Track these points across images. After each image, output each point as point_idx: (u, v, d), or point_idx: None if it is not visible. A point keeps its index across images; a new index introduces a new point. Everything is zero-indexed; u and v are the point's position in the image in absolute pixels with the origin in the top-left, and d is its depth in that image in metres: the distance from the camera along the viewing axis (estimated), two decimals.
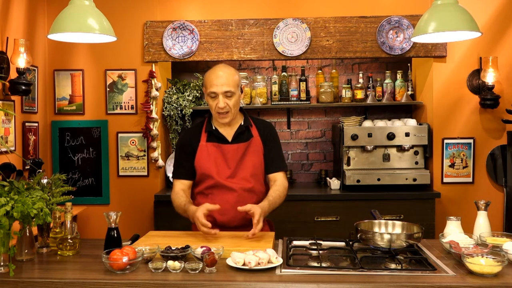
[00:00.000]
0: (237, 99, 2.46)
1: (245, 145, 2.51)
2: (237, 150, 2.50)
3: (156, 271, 1.88)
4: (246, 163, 2.50)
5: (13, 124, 3.48)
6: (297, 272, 1.86)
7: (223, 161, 2.49)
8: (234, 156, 2.49)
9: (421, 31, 2.41)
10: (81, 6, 2.41)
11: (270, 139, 2.59)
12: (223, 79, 2.41)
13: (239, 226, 2.48)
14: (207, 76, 2.48)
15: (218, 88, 2.40)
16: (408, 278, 1.79)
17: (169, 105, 4.07)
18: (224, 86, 2.40)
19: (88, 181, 4.08)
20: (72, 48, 4.02)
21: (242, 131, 2.53)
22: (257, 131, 2.57)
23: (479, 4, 3.82)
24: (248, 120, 2.58)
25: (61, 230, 2.23)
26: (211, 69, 2.50)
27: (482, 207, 2.33)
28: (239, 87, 2.49)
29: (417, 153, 3.92)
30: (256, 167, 2.51)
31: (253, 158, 2.51)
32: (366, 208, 3.15)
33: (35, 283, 1.83)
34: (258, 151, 2.54)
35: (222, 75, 2.42)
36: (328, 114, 4.51)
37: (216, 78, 2.42)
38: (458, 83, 3.93)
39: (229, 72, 2.45)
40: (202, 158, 2.51)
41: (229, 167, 2.49)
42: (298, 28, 3.95)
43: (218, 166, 2.49)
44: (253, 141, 2.54)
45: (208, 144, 2.52)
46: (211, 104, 2.45)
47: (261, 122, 2.64)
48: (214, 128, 2.54)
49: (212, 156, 2.50)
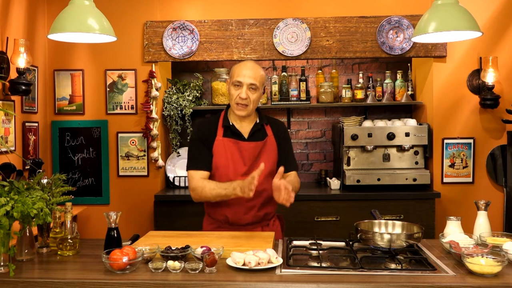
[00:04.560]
0: (258, 95, 2.50)
1: (261, 144, 2.52)
2: (254, 149, 2.50)
3: (156, 271, 1.88)
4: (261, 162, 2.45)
5: (13, 124, 3.48)
6: (297, 272, 1.86)
7: (240, 158, 2.49)
8: (251, 154, 2.50)
9: (422, 31, 2.41)
10: (81, 6, 2.41)
11: (284, 139, 2.61)
12: (251, 72, 2.46)
13: (251, 223, 2.49)
14: (235, 66, 2.52)
15: (245, 79, 2.44)
16: (408, 278, 1.79)
17: (169, 105, 4.07)
18: (251, 78, 2.45)
19: (88, 181, 4.08)
20: (72, 48, 4.02)
21: (257, 129, 2.55)
22: (271, 130, 2.58)
23: (479, 4, 3.82)
24: (263, 118, 2.60)
25: (61, 230, 2.23)
26: (241, 62, 2.55)
27: (482, 207, 2.33)
28: (263, 86, 2.54)
29: (417, 153, 3.92)
30: (271, 166, 2.51)
31: (268, 157, 2.52)
32: (366, 208, 3.15)
33: (35, 283, 1.83)
34: (273, 150, 2.55)
35: (251, 67, 2.48)
36: (328, 114, 4.51)
37: (245, 69, 2.46)
38: (458, 83, 3.93)
39: (257, 68, 2.51)
40: (218, 153, 2.50)
41: (245, 164, 2.49)
42: (298, 28, 3.95)
43: (235, 163, 2.48)
44: (268, 140, 2.55)
45: (225, 139, 2.51)
46: (233, 93, 2.47)
47: (274, 122, 2.66)
48: (231, 123, 2.54)
49: (228, 151, 2.49)
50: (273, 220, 2.62)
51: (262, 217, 2.53)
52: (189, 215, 3.71)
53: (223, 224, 2.53)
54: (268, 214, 2.56)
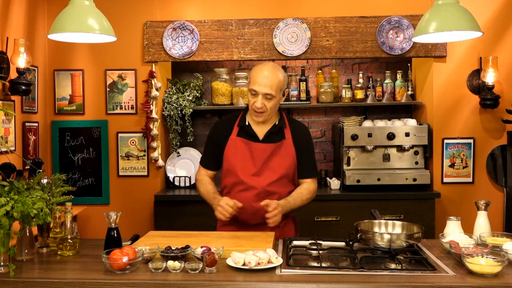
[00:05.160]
0: (276, 102, 2.43)
1: (275, 146, 2.47)
2: (265, 150, 2.46)
3: (156, 271, 1.88)
4: (273, 164, 2.46)
5: (13, 124, 3.48)
6: (297, 272, 1.86)
7: (250, 158, 2.46)
8: (261, 155, 2.46)
9: (422, 31, 2.41)
10: (81, 6, 2.41)
11: (303, 143, 2.54)
12: (268, 80, 2.37)
13: (261, 224, 2.44)
14: (253, 71, 2.45)
15: (261, 88, 2.38)
16: (408, 278, 1.79)
17: (169, 105, 4.07)
18: (267, 88, 2.37)
19: (88, 181, 4.08)
20: (72, 48, 4.02)
21: (275, 131, 2.50)
22: (290, 133, 2.52)
23: (479, 4, 3.82)
24: (283, 120, 2.54)
25: (61, 230, 2.23)
26: (259, 65, 2.46)
27: (482, 207, 2.33)
28: (282, 91, 2.46)
29: (417, 153, 3.92)
30: (284, 169, 2.46)
31: (283, 160, 2.47)
32: (366, 208, 3.15)
33: (35, 283, 1.83)
34: (289, 154, 2.49)
35: (268, 75, 2.38)
36: (328, 114, 4.51)
37: (261, 78, 2.38)
38: (458, 83, 3.93)
39: (275, 73, 2.41)
40: (229, 152, 2.49)
41: (255, 165, 2.46)
42: (298, 28, 3.94)
43: (244, 163, 2.45)
44: (285, 143, 2.49)
45: (238, 139, 2.49)
46: (250, 100, 2.43)
47: (297, 124, 2.60)
48: (247, 123, 2.51)
49: (239, 151, 2.47)
50: (284, 222, 2.54)
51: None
52: (189, 215, 3.71)
53: (233, 222, 2.50)
54: None
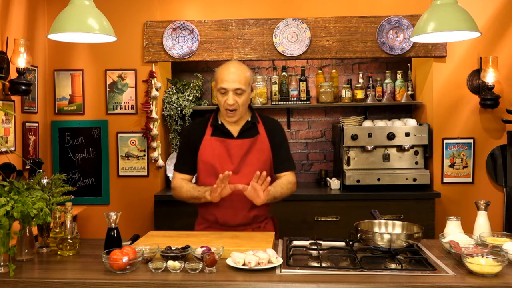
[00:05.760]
0: (247, 97, 2.43)
1: (250, 142, 2.47)
2: (242, 146, 2.46)
3: (156, 271, 1.88)
4: (250, 160, 2.46)
5: (13, 124, 3.48)
6: (297, 272, 1.86)
7: (227, 156, 2.46)
8: (238, 151, 2.46)
9: (421, 31, 2.41)
10: (81, 6, 2.41)
11: (278, 138, 2.54)
12: (235, 76, 2.38)
13: (241, 225, 2.46)
14: (219, 71, 2.44)
15: (229, 85, 2.37)
16: (408, 278, 1.79)
17: (169, 105, 4.07)
18: (236, 83, 2.37)
19: (88, 181, 4.08)
20: (72, 48, 4.02)
21: (248, 127, 2.50)
22: (264, 128, 2.53)
23: (479, 4, 3.82)
24: (255, 117, 2.54)
25: (61, 230, 2.23)
26: (223, 64, 2.47)
27: (482, 207, 2.33)
28: (250, 85, 2.46)
29: (417, 153, 3.92)
30: (261, 164, 2.47)
31: (258, 155, 2.48)
32: (366, 208, 3.15)
33: (35, 283, 1.83)
34: (264, 148, 2.49)
35: (235, 71, 2.39)
36: (328, 114, 4.51)
37: (228, 74, 2.39)
38: (458, 83, 3.93)
39: (241, 69, 2.42)
40: (205, 153, 2.48)
41: (232, 162, 2.45)
42: (298, 28, 3.95)
43: (222, 161, 2.45)
44: (259, 138, 2.50)
45: (212, 139, 2.49)
46: (220, 100, 2.42)
47: (269, 120, 2.60)
48: (220, 122, 2.51)
49: (216, 151, 2.47)
50: (265, 223, 2.57)
51: (253, 219, 2.49)
52: (189, 215, 3.69)
53: (213, 225, 2.51)
54: (259, 217, 2.52)
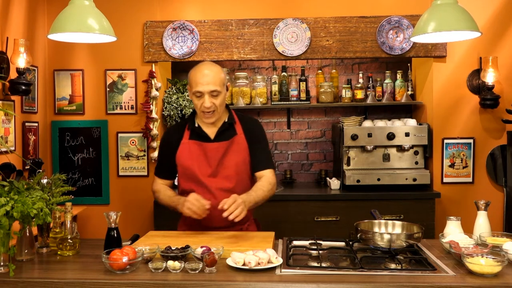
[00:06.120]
0: (223, 98, 2.41)
1: (227, 144, 2.45)
2: (218, 149, 2.44)
3: (156, 271, 1.88)
4: (228, 162, 2.44)
5: (13, 124, 3.48)
6: (297, 272, 1.86)
7: (204, 160, 2.45)
8: (215, 154, 2.44)
9: (421, 31, 2.41)
10: (81, 6, 2.41)
11: (255, 137, 2.50)
12: (209, 78, 2.34)
13: (223, 227, 2.42)
14: (192, 74, 2.41)
15: (204, 87, 2.34)
16: (408, 278, 1.79)
17: (169, 105, 4.07)
18: (210, 85, 2.34)
19: (88, 181, 4.08)
20: (72, 48, 4.02)
21: (225, 128, 2.48)
22: (241, 128, 2.50)
23: (479, 4, 3.82)
24: (232, 117, 2.52)
25: (61, 230, 2.23)
26: (195, 67, 2.43)
27: (482, 207, 2.33)
28: (225, 85, 2.43)
29: (417, 153, 3.92)
30: (239, 166, 2.45)
31: (236, 156, 2.45)
32: (366, 208, 3.15)
33: (35, 283, 1.83)
34: (241, 149, 2.47)
35: (208, 73, 2.36)
36: (328, 114, 4.51)
37: (202, 77, 2.35)
38: (458, 83, 3.93)
39: (215, 70, 2.38)
40: (183, 156, 2.47)
41: (210, 165, 2.44)
42: (298, 28, 3.95)
43: (200, 164, 2.44)
44: (236, 139, 2.47)
45: (190, 142, 2.47)
46: (196, 103, 2.40)
47: (246, 119, 2.56)
48: (197, 125, 2.50)
49: (194, 154, 2.45)
50: (248, 225, 2.54)
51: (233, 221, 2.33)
52: None
53: (195, 226, 2.49)
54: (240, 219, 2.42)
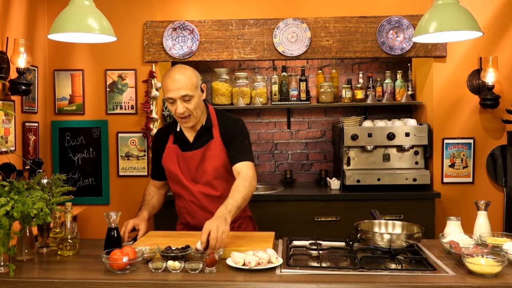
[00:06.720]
0: (196, 101, 2.36)
1: (202, 150, 2.44)
2: (193, 157, 2.44)
3: (156, 271, 1.88)
4: (206, 168, 2.44)
5: (13, 124, 3.48)
6: (297, 272, 1.86)
7: (185, 165, 2.47)
8: (191, 162, 2.45)
9: (422, 31, 2.41)
10: (81, 6, 2.41)
11: (231, 136, 2.45)
12: (179, 83, 2.30)
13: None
14: (163, 80, 2.37)
15: (175, 93, 2.30)
16: (408, 278, 1.79)
17: None
18: (181, 90, 2.30)
19: (88, 181, 4.08)
20: (72, 48, 4.02)
21: (202, 132, 2.46)
22: (218, 131, 2.47)
23: (479, 4, 3.82)
24: (210, 120, 2.48)
25: (61, 230, 2.23)
26: (167, 72, 2.39)
27: (482, 207, 2.34)
28: (199, 88, 2.39)
29: (417, 153, 3.91)
30: (218, 170, 2.43)
31: (214, 161, 2.43)
32: (366, 208, 3.15)
33: (35, 283, 1.83)
34: (218, 153, 2.43)
35: (179, 78, 2.31)
36: (328, 114, 4.51)
37: (172, 83, 2.31)
38: (458, 83, 3.93)
39: (186, 74, 2.34)
40: (168, 160, 2.49)
41: (189, 171, 2.46)
42: (298, 28, 3.94)
43: (182, 169, 2.47)
44: (213, 143, 2.44)
45: (173, 147, 2.50)
46: (171, 109, 2.37)
47: (226, 120, 2.51)
48: (179, 129, 2.50)
49: (176, 159, 2.48)
50: (240, 222, 2.54)
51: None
52: None
53: (187, 227, 2.55)
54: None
